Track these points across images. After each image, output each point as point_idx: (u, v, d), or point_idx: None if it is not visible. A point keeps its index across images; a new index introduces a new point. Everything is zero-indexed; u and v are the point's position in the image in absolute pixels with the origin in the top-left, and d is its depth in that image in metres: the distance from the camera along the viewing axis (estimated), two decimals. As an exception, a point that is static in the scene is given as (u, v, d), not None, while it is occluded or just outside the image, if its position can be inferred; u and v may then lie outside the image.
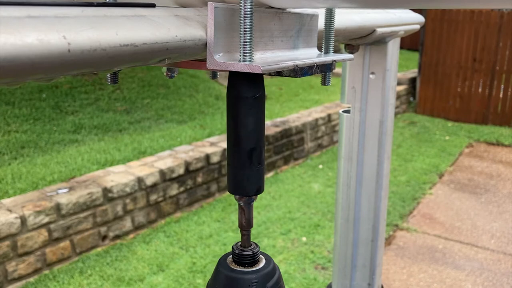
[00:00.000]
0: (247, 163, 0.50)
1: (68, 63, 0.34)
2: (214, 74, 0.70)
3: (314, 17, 0.63)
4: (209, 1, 0.46)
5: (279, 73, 0.54)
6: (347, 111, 1.11)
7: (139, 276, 2.96)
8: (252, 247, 0.53)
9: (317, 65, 0.56)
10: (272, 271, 0.52)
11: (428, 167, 5.16)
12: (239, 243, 0.53)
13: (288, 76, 0.54)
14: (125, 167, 3.61)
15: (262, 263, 0.52)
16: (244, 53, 0.47)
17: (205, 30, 0.47)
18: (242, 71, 0.46)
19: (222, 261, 0.53)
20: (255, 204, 4.15)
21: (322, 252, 3.32)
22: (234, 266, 0.52)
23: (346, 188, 1.13)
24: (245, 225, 0.53)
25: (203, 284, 2.92)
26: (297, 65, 0.52)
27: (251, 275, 0.50)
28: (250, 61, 0.47)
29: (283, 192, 4.31)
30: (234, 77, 0.49)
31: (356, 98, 1.09)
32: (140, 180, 3.43)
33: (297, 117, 5.39)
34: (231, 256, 0.53)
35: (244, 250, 0.52)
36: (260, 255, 0.54)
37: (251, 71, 0.46)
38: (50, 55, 0.32)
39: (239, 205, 0.52)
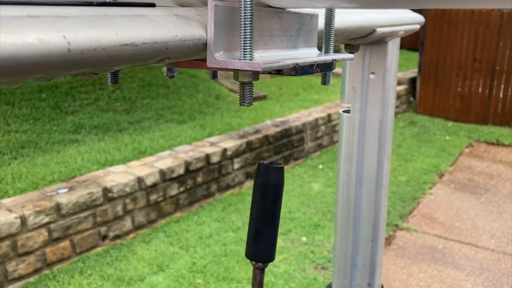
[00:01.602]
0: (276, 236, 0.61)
1: (68, 63, 0.34)
2: (214, 74, 0.69)
3: (314, 16, 0.63)
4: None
5: (279, 72, 0.54)
6: (347, 111, 1.11)
7: (139, 276, 2.96)
8: None
9: (317, 64, 0.56)
10: None
11: (428, 167, 5.16)
12: None
13: (288, 75, 0.54)
14: (125, 167, 3.61)
15: None
16: (244, 51, 0.47)
17: (205, 29, 0.47)
18: (242, 69, 0.46)
19: None
20: (255, 204, 4.17)
21: (322, 252, 3.32)
22: None
23: (346, 188, 1.13)
24: None
25: (203, 284, 2.92)
26: (297, 64, 0.52)
27: None
28: (250, 59, 0.47)
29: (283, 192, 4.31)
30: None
31: (356, 98, 1.09)
32: (140, 180, 3.43)
33: (297, 117, 5.39)
34: None
35: None
36: None
37: (251, 69, 0.46)
38: (50, 54, 0.32)
39: (259, 268, 0.61)
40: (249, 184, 4.44)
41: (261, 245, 0.59)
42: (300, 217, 3.82)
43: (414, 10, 1.15)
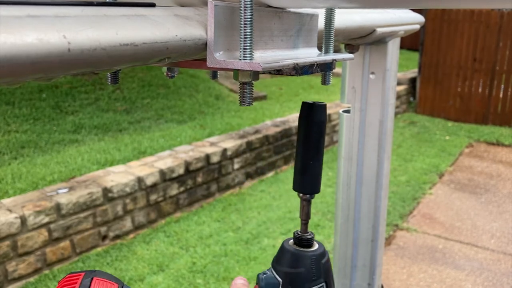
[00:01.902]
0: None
1: (68, 63, 0.34)
2: (214, 74, 0.69)
3: (314, 16, 0.63)
4: None
5: (279, 72, 0.54)
6: (347, 111, 1.11)
7: (139, 276, 2.96)
8: (309, 233, 0.68)
9: (317, 64, 0.57)
10: (324, 252, 0.68)
11: (428, 167, 5.16)
12: (299, 230, 0.68)
13: (288, 75, 0.54)
14: (125, 167, 3.61)
15: (316, 246, 0.68)
16: (244, 51, 0.47)
17: (205, 29, 0.47)
18: (242, 69, 0.46)
19: (285, 243, 0.68)
20: (255, 204, 4.16)
21: (322, 252, 3.32)
22: (296, 247, 0.67)
23: (346, 188, 1.13)
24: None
25: (203, 284, 2.92)
26: (297, 64, 0.52)
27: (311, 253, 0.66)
28: (250, 59, 0.47)
29: (283, 192, 4.31)
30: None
31: (356, 98, 1.09)
32: (140, 180, 3.43)
33: (297, 117, 5.38)
34: (292, 240, 0.68)
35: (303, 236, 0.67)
36: (314, 241, 0.69)
37: (251, 69, 0.46)
38: (50, 54, 0.32)
39: (307, 200, 0.67)
40: (249, 184, 4.44)
41: (307, 178, 0.66)
42: (300, 217, 3.82)
43: (414, 10, 1.15)
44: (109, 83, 0.56)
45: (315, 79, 8.28)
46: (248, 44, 0.47)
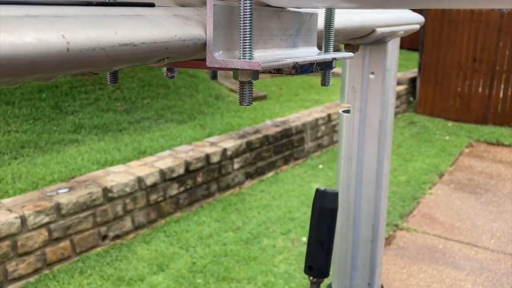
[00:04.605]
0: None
1: (67, 63, 0.34)
2: (214, 75, 0.69)
3: (313, 16, 0.63)
4: (208, -1, 0.46)
5: (279, 71, 0.54)
6: (347, 111, 1.11)
7: (139, 276, 2.96)
8: None
9: (317, 63, 0.56)
10: None
11: (428, 167, 5.16)
12: None
13: (288, 74, 0.54)
14: (125, 167, 3.61)
15: None
16: (244, 50, 0.47)
17: (205, 29, 0.47)
18: (241, 68, 0.46)
19: None
20: (255, 204, 4.15)
21: (322, 252, 3.32)
22: None
23: (346, 188, 1.13)
24: None
25: (203, 284, 2.92)
26: (297, 63, 0.52)
27: None
28: (250, 58, 0.47)
29: (283, 192, 4.31)
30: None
31: (356, 98, 1.09)
32: (140, 180, 3.43)
33: (297, 117, 5.39)
34: None
35: None
36: None
37: (251, 68, 0.46)
38: (49, 54, 0.32)
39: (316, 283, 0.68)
40: (249, 184, 4.44)
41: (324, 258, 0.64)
42: (300, 217, 3.82)
43: (414, 10, 1.15)
44: (109, 83, 0.56)
45: (315, 79, 8.28)
46: (247, 43, 0.47)
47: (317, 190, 0.64)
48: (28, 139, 4.24)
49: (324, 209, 0.62)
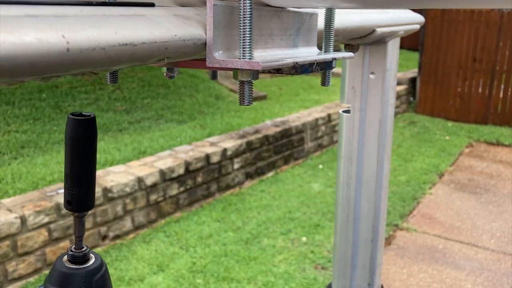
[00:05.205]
0: None
1: (67, 62, 0.34)
2: (214, 75, 0.69)
3: (313, 16, 0.63)
4: (208, -1, 0.46)
5: (279, 71, 0.54)
6: (347, 111, 1.11)
7: (139, 276, 2.96)
8: (84, 249, 0.65)
9: (317, 63, 0.56)
10: (98, 267, 0.63)
11: (428, 167, 5.16)
12: (73, 246, 0.65)
13: (288, 74, 0.54)
14: (125, 167, 3.61)
15: (91, 262, 0.64)
16: (244, 50, 0.47)
17: (205, 29, 0.47)
18: (241, 68, 0.46)
19: (58, 260, 0.65)
20: (255, 204, 4.15)
21: (322, 252, 3.32)
22: (67, 264, 0.64)
23: (346, 188, 1.13)
24: None
25: (203, 284, 2.92)
26: (297, 62, 0.52)
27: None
28: (250, 58, 0.47)
29: (283, 192, 4.31)
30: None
31: (356, 98, 1.09)
32: (140, 180, 3.43)
33: (297, 117, 5.39)
34: (66, 256, 0.66)
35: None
36: (91, 255, 0.65)
37: (251, 68, 0.46)
38: (49, 54, 0.32)
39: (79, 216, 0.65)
40: (249, 184, 4.44)
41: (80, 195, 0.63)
42: (300, 217, 3.82)
43: (414, 10, 1.15)
44: (108, 83, 0.56)
45: (315, 79, 8.28)
46: (247, 43, 0.47)
47: (68, 117, 0.59)
48: (28, 139, 4.24)
49: (75, 138, 0.57)
